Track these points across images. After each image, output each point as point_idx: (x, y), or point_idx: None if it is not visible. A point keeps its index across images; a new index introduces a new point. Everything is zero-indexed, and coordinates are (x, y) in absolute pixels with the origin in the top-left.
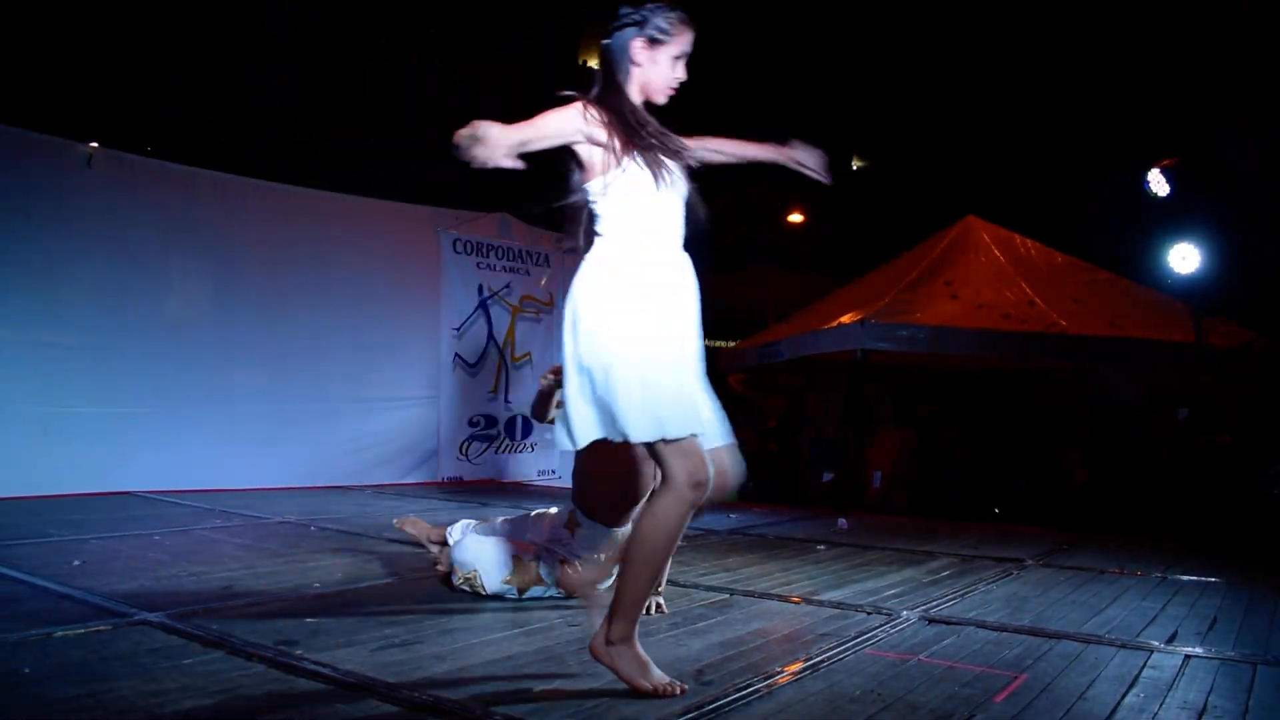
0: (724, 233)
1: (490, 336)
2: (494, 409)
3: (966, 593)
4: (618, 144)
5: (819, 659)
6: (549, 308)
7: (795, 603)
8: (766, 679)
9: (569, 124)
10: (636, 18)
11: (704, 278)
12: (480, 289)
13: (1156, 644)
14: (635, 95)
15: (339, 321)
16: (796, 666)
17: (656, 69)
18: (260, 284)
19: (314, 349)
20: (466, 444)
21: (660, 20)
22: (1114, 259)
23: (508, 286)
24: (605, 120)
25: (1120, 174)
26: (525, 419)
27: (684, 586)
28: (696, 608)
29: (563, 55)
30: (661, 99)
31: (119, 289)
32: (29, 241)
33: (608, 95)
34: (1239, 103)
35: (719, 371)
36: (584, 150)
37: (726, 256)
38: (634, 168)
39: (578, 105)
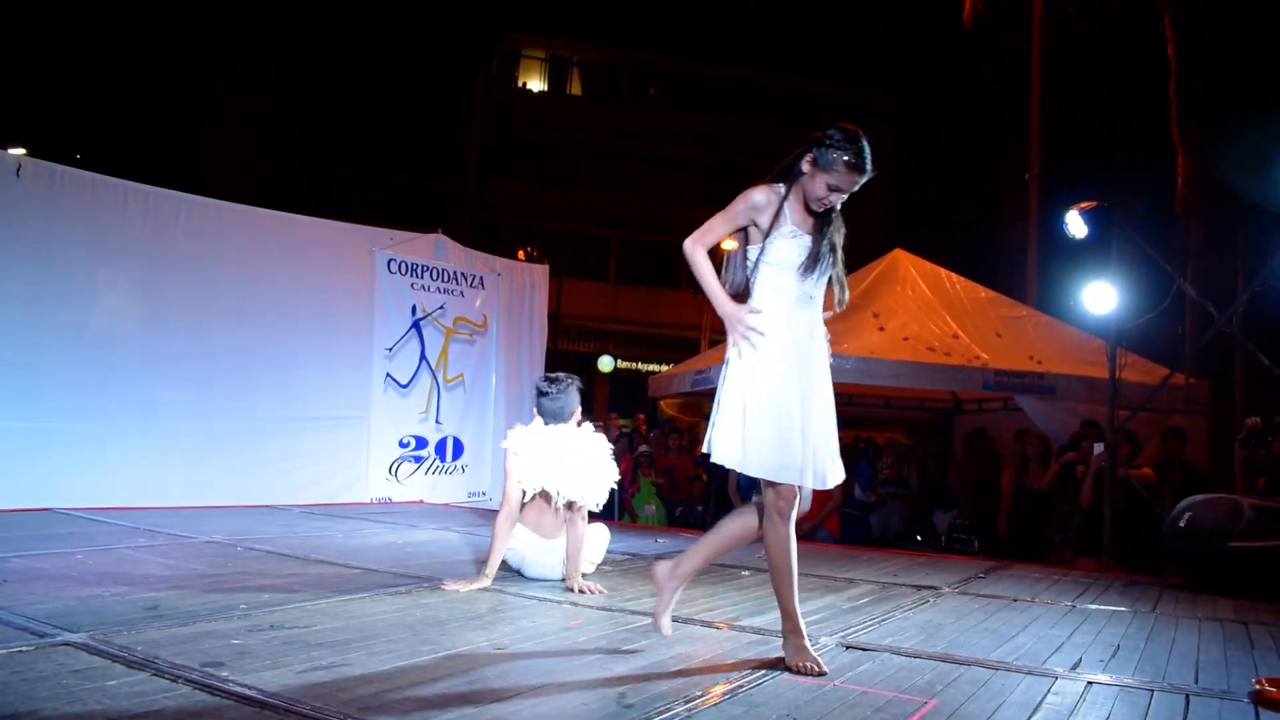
0: (657, 257)
1: (423, 357)
2: (425, 429)
3: (884, 619)
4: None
5: (739, 683)
6: (482, 330)
7: (719, 628)
8: (687, 703)
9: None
10: (824, 140)
11: (638, 300)
12: (414, 309)
13: (1061, 670)
14: (796, 193)
15: (268, 339)
16: (718, 690)
17: (813, 184)
18: (189, 300)
19: (242, 366)
20: (397, 464)
21: (833, 154)
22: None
23: (442, 308)
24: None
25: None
26: (457, 440)
27: (610, 610)
28: (622, 631)
29: (504, 77)
30: (814, 208)
31: (43, 302)
32: None
33: (782, 181)
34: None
35: (652, 397)
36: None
37: (659, 279)
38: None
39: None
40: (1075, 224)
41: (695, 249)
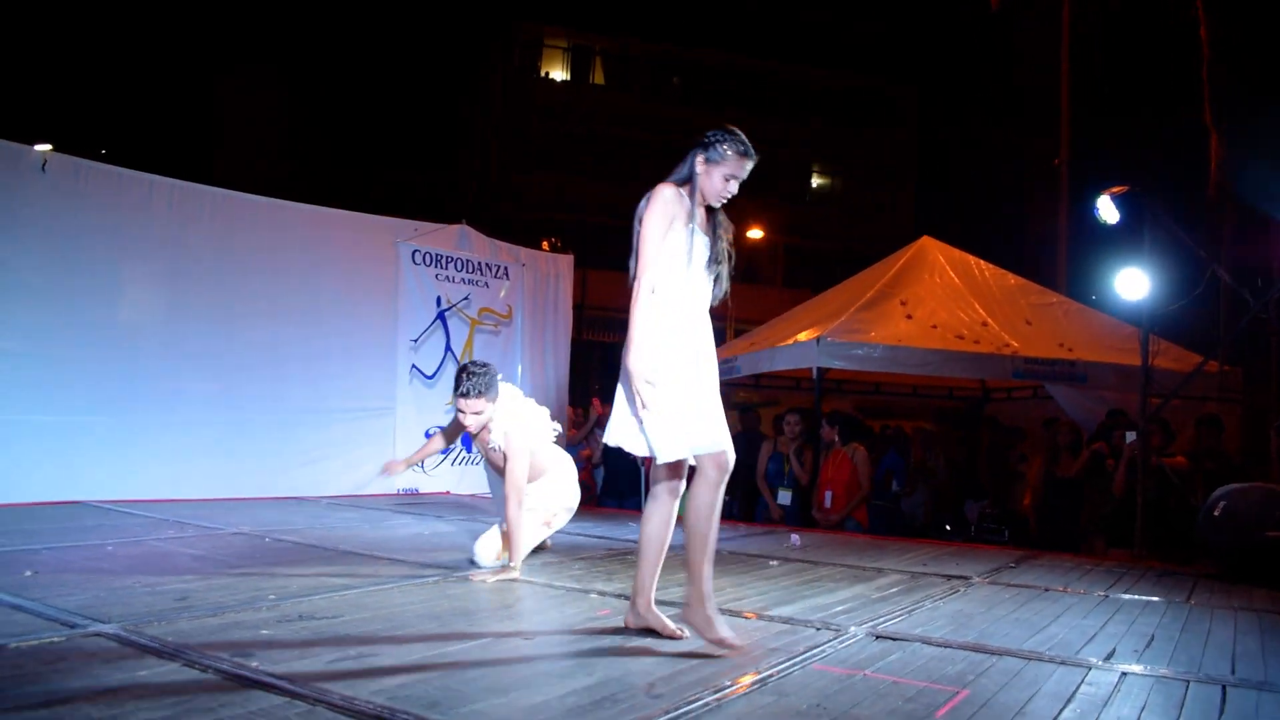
0: None
1: (448, 348)
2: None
3: (913, 609)
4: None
5: (768, 673)
6: (507, 320)
7: (747, 618)
8: (716, 692)
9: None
10: (706, 141)
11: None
12: (439, 300)
13: (1095, 661)
14: (697, 194)
15: (295, 331)
16: (746, 680)
17: (711, 180)
18: (215, 292)
19: (269, 358)
20: None
21: (722, 148)
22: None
23: (466, 298)
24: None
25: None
26: None
27: None
28: None
29: (526, 67)
30: (714, 203)
31: (71, 295)
32: None
33: (683, 185)
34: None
35: None
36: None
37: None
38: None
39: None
40: (1107, 209)
41: (643, 291)
